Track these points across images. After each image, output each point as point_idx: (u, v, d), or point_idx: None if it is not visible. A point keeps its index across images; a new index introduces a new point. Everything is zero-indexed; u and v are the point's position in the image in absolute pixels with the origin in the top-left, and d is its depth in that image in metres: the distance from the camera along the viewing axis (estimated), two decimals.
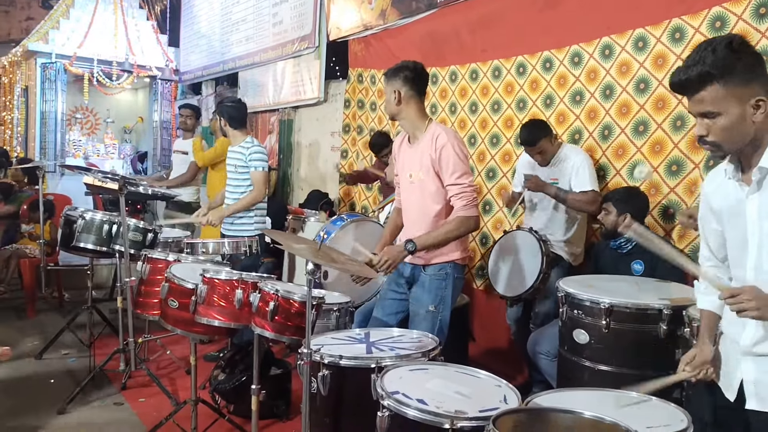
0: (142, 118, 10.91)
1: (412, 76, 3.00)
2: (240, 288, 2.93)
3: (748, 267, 1.81)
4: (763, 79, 1.72)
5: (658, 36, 3.63)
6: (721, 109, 1.71)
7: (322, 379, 2.31)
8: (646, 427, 1.79)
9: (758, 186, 1.76)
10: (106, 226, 4.16)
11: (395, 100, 3.00)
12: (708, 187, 1.97)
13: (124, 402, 3.97)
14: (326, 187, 6.74)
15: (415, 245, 2.86)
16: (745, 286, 1.74)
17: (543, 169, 3.87)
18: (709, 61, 1.68)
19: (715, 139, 1.76)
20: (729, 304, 1.73)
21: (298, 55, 6.98)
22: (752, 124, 1.72)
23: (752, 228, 1.78)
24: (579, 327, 2.89)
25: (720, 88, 1.70)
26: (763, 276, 1.77)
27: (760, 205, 1.76)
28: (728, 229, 1.89)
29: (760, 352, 1.80)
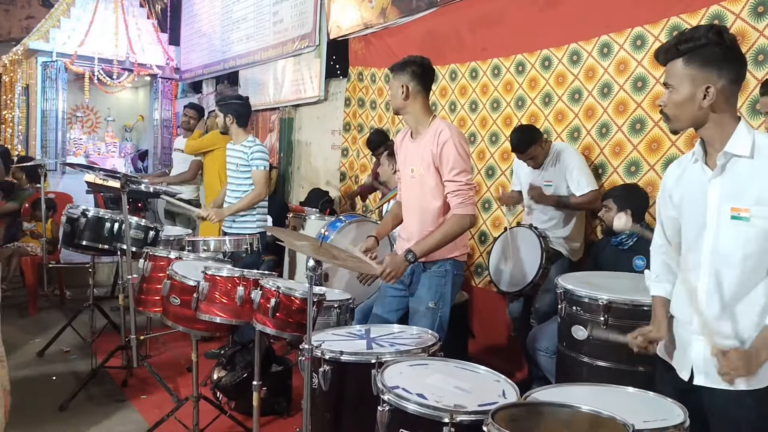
0: (143, 116, 10.93)
1: (419, 71, 3.01)
2: (241, 285, 2.95)
3: (705, 250, 1.91)
4: (724, 71, 1.84)
5: (656, 34, 3.65)
6: (676, 84, 1.88)
7: (323, 375, 2.33)
8: (642, 421, 1.80)
9: (721, 170, 1.87)
10: (108, 224, 4.19)
11: (402, 94, 2.99)
12: (669, 177, 2.09)
13: (126, 399, 3.99)
14: (326, 185, 6.76)
15: (415, 255, 2.86)
16: (733, 351, 1.80)
17: (536, 171, 3.92)
18: (682, 39, 1.86)
19: (668, 112, 1.92)
20: (721, 368, 1.80)
21: (299, 54, 7.00)
22: (700, 108, 1.86)
23: (712, 211, 1.89)
24: (578, 323, 2.90)
25: (681, 66, 1.86)
26: (719, 258, 1.88)
27: (722, 188, 1.87)
28: (687, 212, 1.99)
29: (708, 331, 1.89)
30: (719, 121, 1.87)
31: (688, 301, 1.97)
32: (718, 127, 1.88)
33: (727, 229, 1.86)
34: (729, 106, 1.88)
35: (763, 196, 1.81)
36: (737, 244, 1.85)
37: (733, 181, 1.86)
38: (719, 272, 1.89)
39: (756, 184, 1.82)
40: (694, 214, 1.95)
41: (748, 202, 1.83)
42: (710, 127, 1.89)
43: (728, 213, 1.86)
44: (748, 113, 3.23)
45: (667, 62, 1.91)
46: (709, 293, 1.91)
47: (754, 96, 3.20)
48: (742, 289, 1.88)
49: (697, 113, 1.87)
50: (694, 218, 1.95)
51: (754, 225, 1.82)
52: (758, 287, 1.86)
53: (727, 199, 1.86)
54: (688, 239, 1.99)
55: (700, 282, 1.93)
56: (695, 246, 1.95)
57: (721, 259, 1.88)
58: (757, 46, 3.19)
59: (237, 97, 4.67)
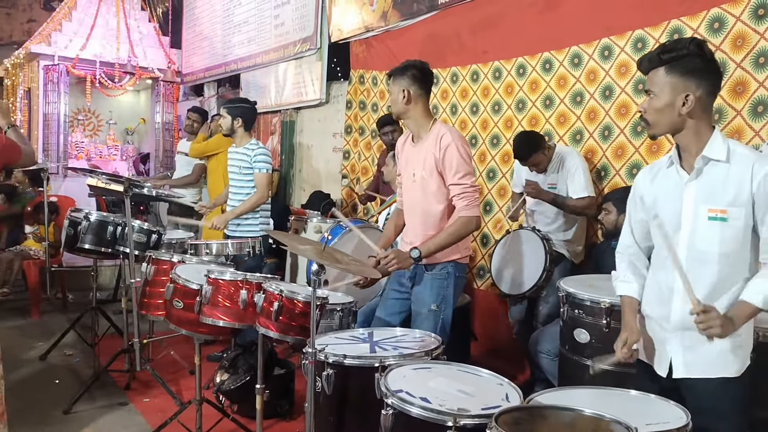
0: (144, 119, 10.94)
1: (420, 75, 3.02)
2: (244, 288, 2.96)
3: (681, 246, 2.02)
4: (703, 81, 1.96)
5: (657, 37, 3.66)
6: (657, 92, 1.99)
7: (327, 378, 2.34)
8: (645, 424, 1.81)
9: (698, 173, 1.99)
10: (110, 228, 4.20)
11: (404, 99, 3.00)
12: (641, 180, 2.20)
13: (129, 402, 4.00)
14: (328, 188, 6.77)
15: (420, 252, 2.88)
16: (711, 306, 1.92)
17: (540, 175, 3.93)
18: (665, 50, 1.97)
19: (648, 117, 2.03)
20: (699, 321, 1.90)
21: (300, 57, 7.01)
22: (679, 114, 1.97)
23: (688, 212, 2.01)
24: (580, 326, 2.92)
25: (663, 74, 1.97)
26: (695, 254, 2.00)
27: (697, 191, 1.99)
28: (662, 212, 2.08)
29: (685, 326, 2.01)
30: (696, 128, 1.99)
31: (664, 300, 2.08)
32: (694, 134, 2.00)
33: (705, 229, 1.98)
34: (705, 114, 2.00)
35: (738, 198, 1.93)
36: (714, 242, 1.97)
37: (709, 184, 1.98)
38: (696, 270, 1.99)
39: (732, 187, 1.94)
40: (669, 214, 2.06)
41: (724, 203, 1.95)
42: (687, 134, 2.01)
43: (705, 214, 1.97)
44: (749, 116, 3.24)
45: (649, 70, 2.02)
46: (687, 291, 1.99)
47: (755, 98, 3.21)
48: (719, 289, 1.98)
49: (676, 119, 1.99)
50: (668, 218, 2.06)
51: (732, 225, 1.94)
52: (733, 291, 1.98)
53: (704, 200, 1.98)
54: (663, 238, 2.07)
55: (677, 280, 2.02)
56: (670, 244, 2.03)
57: (698, 257, 1.99)
58: (758, 48, 3.20)
59: (245, 101, 4.68)
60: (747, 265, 1.99)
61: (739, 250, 1.97)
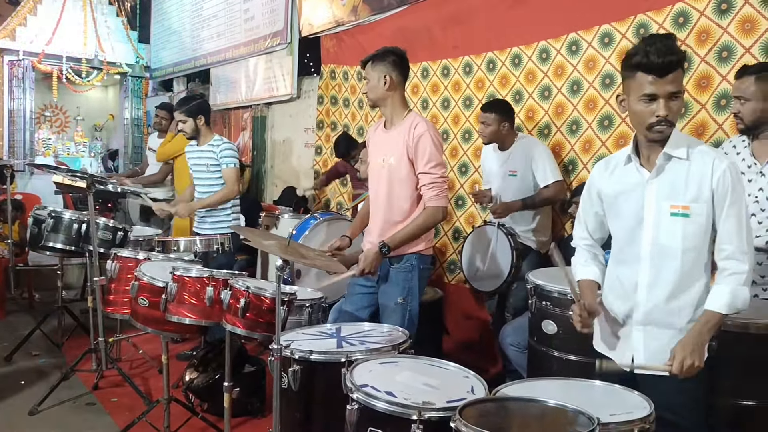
0: (113, 115, 10.78)
1: (399, 62, 3.02)
2: (211, 285, 2.93)
3: (644, 242, 2.05)
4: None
5: (623, 32, 3.69)
6: (681, 90, 1.96)
7: (293, 375, 2.32)
8: (609, 414, 1.82)
9: (659, 171, 2.02)
10: (76, 225, 4.12)
11: (385, 84, 2.98)
12: (599, 176, 2.21)
13: (96, 402, 3.94)
14: (300, 183, 6.74)
15: (389, 247, 2.88)
16: (675, 353, 1.94)
17: (502, 159, 3.98)
18: (676, 50, 1.94)
19: (672, 119, 1.97)
20: (678, 374, 1.92)
21: (270, 51, 6.95)
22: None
23: (650, 207, 2.04)
24: (548, 318, 2.93)
25: (681, 73, 1.96)
26: (658, 249, 2.03)
27: (659, 188, 2.02)
28: (622, 209, 2.12)
29: (648, 321, 2.06)
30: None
31: (628, 295, 2.10)
32: None
33: (668, 225, 2.00)
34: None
35: (700, 195, 1.97)
36: (677, 238, 1.99)
37: (671, 180, 2.00)
38: (660, 265, 2.03)
39: (693, 183, 1.97)
40: (630, 211, 2.08)
41: (686, 199, 1.98)
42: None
43: (668, 210, 2.00)
44: (713, 109, 3.28)
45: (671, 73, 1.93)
46: (651, 285, 2.05)
47: (719, 91, 3.25)
48: (682, 284, 2.02)
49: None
50: (629, 215, 2.08)
51: (694, 221, 1.97)
52: (696, 285, 2.02)
53: (666, 197, 2.00)
54: (624, 235, 2.12)
55: (641, 275, 2.06)
56: (632, 240, 2.08)
57: (662, 252, 2.02)
58: (721, 42, 3.24)
59: (196, 96, 4.60)
60: (707, 263, 2.03)
61: (701, 246, 2.00)
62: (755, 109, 2.68)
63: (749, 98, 2.69)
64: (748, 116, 2.70)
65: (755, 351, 2.38)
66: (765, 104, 2.66)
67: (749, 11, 3.12)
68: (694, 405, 2.04)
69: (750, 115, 2.70)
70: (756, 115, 2.69)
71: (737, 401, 2.42)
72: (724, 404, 2.37)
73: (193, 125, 4.32)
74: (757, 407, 2.41)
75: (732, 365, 2.31)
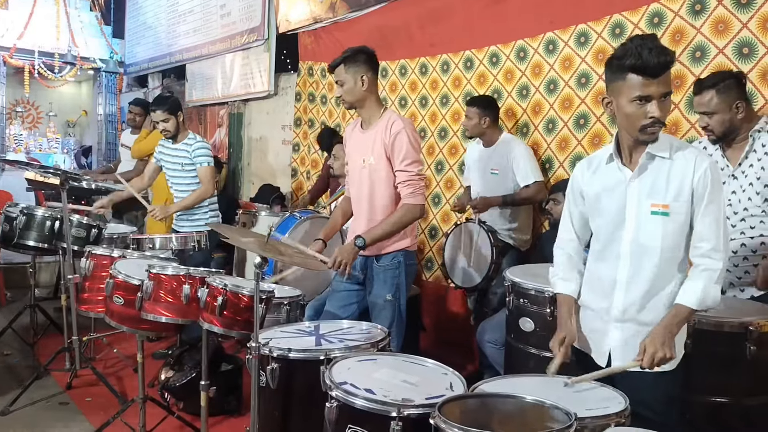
0: (86, 111, 10.63)
1: (370, 60, 3.00)
2: (187, 283, 2.90)
3: (625, 240, 2.06)
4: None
5: (599, 31, 3.73)
6: (671, 90, 1.98)
7: (271, 373, 2.31)
8: (585, 409, 1.84)
9: (642, 170, 2.03)
10: (48, 223, 4.04)
11: (363, 85, 2.95)
12: (581, 176, 2.22)
13: (70, 402, 3.88)
14: (277, 181, 6.70)
15: (365, 240, 2.87)
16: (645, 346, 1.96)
17: (485, 156, 4.02)
18: (668, 51, 1.94)
19: (664, 119, 1.98)
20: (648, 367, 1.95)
21: (247, 48, 6.90)
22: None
23: (631, 206, 2.05)
24: (525, 315, 2.96)
25: (670, 73, 1.96)
26: (638, 247, 2.05)
27: (641, 186, 2.03)
28: (604, 207, 2.12)
29: (625, 318, 2.08)
30: None
31: (606, 292, 2.12)
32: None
33: (648, 223, 2.02)
34: None
35: (681, 194, 1.98)
36: (656, 236, 2.01)
37: (653, 179, 2.02)
38: (639, 263, 2.05)
39: (674, 182, 1.99)
40: (612, 209, 2.09)
41: (667, 198, 1.99)
42: None
43: (648, 209, 2.02)
44: (685, 108, 3.33)
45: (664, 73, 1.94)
46: (629, 283, 2.07)
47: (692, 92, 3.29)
48: (659, 282, 2.04)
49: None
50: (611, 213, 2.10)
51: (674, 220, 1.99)
52: (672, 283, 2.05)
53: (647, 195, 2.02)
54: (605, 233, 2.14)
55: (620, 272, 2.08)
56: (613, 238, 2.10)
57: (642, 250, 2.04)
58: (695, 43, 3.29)
59: (170, 94, 4.56)
60: (682, 262, 2.06)
61: (679, 244, 2.03)
62: (723, 120, 2.73)
63: (714, 111, 2.73)
64: (718, 128, 2.74)
65: (728, 349, 2.42)
66: (731, 113, 2.71)
67: (722, 12, 3.17)
68: (669, 401, 2.07)
69: (719, 127, 2.74)
70: (725, 125, 2.73)
71: (711, 398, 2.46)
72: (698, 401, 2.41)
73: (175, 123, 4.30)
74: (730, 404, 2.46)
75: (706, 363, 2.35)
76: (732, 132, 2.75)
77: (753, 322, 2.41)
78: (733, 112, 2.70)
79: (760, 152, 2.70)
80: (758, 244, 2.73)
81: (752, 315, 2.47)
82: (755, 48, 3.06)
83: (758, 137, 2.72)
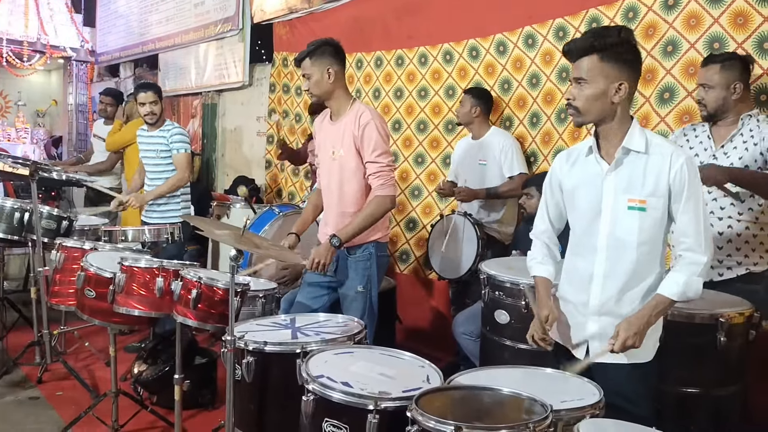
0: (56, 101, 10.42)
1: (335, 52, 2.98)
2: (161, 276, 2.87)
3: (601, 233, 2.07)
4: (632, 70, 2.00)
5: (576, 26, 3.75)
6: (590, 79, 1.98)
7: (247, 366, 2.29)
8: (560, 401, 1.86)
9: (618, 164, 2.04)
10: (18, 214, 3.96)
11: (330, 78, 2.94)
12: (560, 168, 2.23)
13: (41, 396, 3.82)
14: (252, 172, 6.64)
15: (340, 239, 2.87)
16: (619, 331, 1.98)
17: (474, 148, 4.06)
18: (599, 36, 1.97)
19: (578, 105, 2.02)
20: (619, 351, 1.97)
21: (221, 38, 6.81)
22: (611, 103, 2.00)
23: (607, 200, 2.06)
24: (500, 308, 2.97)
25: (596, 61, 1.97)
26: (614, 241, 2.06)
27: (617, 181, 2.04)
28: (581, 200, 2.14)
29: (603, 311, 2.09)
30: (621, 118, 2.04)
31: (583, 285, 2.13)
32: (618, 123, 2.04)
33: (624, 218, 2.03)
34: (629, 104, 2.05)
35: (657, 189, 1.99)
36: (633, 231, 2.03)
37: (629, 174, 2.03)
38: (616, 257, 2.06)
39: (651, 177, 2.00)
40: (589, 203, 2.11)
41: (643, 193, 2.00)
42: (613, 124, 2.04)
43: (625, 204, 2.03)
44: (656, 102, 3.37)
45: (579, 57, 2.00)
46: (606, 277, 2.08)
47: (662, 85, 3.33)
48: (637, 276, 2.06)
49: (607, 108, 2.02)
50: (588, 207, 2.11)
51: (650, 215, 2.01)
52: (649, 278, 2.06)
53: (624, 191, 2.03)
54: (582, 226, 2.15)
55: (597, 266, 2.09)
56: (590, 232, 2.11)
57: (618, 244, 2.05)
58: (667, 37, 3.32)
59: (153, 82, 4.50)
60: (661, 255, 2.07)
61: (656, 240, 2.04)
62: (718, 96, 2.77)
63: (713, 86, 2.77)
64: (711, 103, 2.79)
65: (700, 340, 2.46)
66: (727, 92, 2.75)
67: (695, 7, 3.21)
68: (645, 393, 2.09)
69: (713, 102, 2.78)
70: (719, 102, 2.77)
71: (681, 389, 2.50)
72: (668, 392, 2.44)
73: (161, 107, 4.28)
74: (701, 395, 2.50)
75: (678, 354, 2.38)
76: (724, 111, 2.79)
77: (723, 314, 2.45)
78: (729, 91, 2.74)
79: (747, 136, 2.74)
80: (725, 227, 2.77)
81: (723, 307, 2.52)
82: (726, 43, 3.09)
83: (748, 122, 2.76)
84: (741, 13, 3.05)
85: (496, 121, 4.28)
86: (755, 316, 2.55)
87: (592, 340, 2.13)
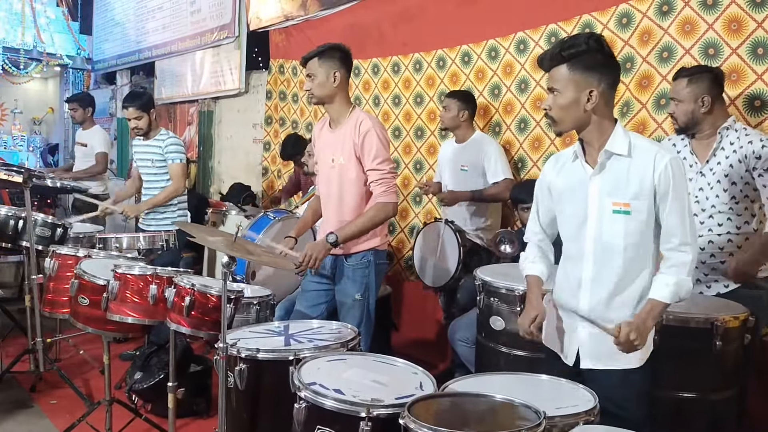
0: (53, 108, 10.42)
1: (345, 58, 2.98)
2: (154, 283, 2.86)
3: (588, 238, 2.07)
4: (604, 75, 1.99)
5: (569, 32, 3.75)
6: (561, 89, 2.00)
7: (239, 374, 2.27)
8: (555, 408, 1.84)
9: (602, 168, 2.04)
10: (12, 222, 3.94)
11: (334, 81, 2.93)
12: (549, 171, 2.23)
13: (34, 405, 3.80)
14: (248, 179, 6.63)
15: (337, 238, 2.85)
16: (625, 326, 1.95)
17: (456, 152, 4.06)
18: (565, 47, 1.98)
19: (553, 114, 2.04)
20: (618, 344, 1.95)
21: (218, 45, 6.82)
22: (584, 111, 2.00)
23: (593, 204, 2.06)
24: (495, 314, 2.96)
25: (566, 71, 1.99)
26: (600, 246, 2.06)
27: (602, 185, 2.04)
28: (568, 206, 2.14)
29: (593, 317, 2.06)
30: (599, 123, 2.03)
31: (573, 290, 2.13)
32: (597, 129, 2.04)
33: (610, 222, 2.03)
34: (607, 109, 2.04)
35: (641, 192, 1.99)
36: (619, 235, 2.02)
37: (613, 178, 2.02)
38: (603, 262, 2.06)
39: (635, 180, 1.99)
40: (575, 207, 2.10)
41: (628, 197, 2.00)
42: (591, 129, 2.04)
43: (610, 207, 2.02)
44: (653, 108, 3.37)
45: (551, 68, 2.02)
46: (594, 281, 2.08)
47: (659, 91, 3.34)
48: (626, 279, 2.05)
49: (581, 116, 2.02)
50: (574, 212, 2.11)
51: (635, 218, 2.00)
52: (637, 282, 2.05)
53: (608, 194, 2.03)
54: (569, 231, 2.15)
55: (585, 271, 2.09)
56: (577, 237, 2.11)
57: (605, 248, 2.05)
58: (662, 43, 3.33)
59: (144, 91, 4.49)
60: (650, 256, 2.06)
61: (643, 242, 2.03)
62: (686, 110, 2.78)
63: (682, 99, 2.79)
64: (681, 117, 2.81)
65: (695, 345, 2.46)
66: (695, 105, 2.76)
67: (689, 13, 3.22)
68: (639, 398, 2.08)
69: (682, 116, 2.80)
70: (687, 116, 2.79)
71: (677, 394, 2.50)
72: (664, 397, 2.43)
73: (147, 121, 4.24)
74: (697, 399, 2.49)
75: (673, 358, 2.38)
76: (694, 125, 2.81)
77: (719, 318, 2.45)
78: (697, 104, 2.76)
79: (728, 150, 2.75)
80: (725, 242, 2.78)
81: (718, 311, 2.51)
82: (720, 49, 3.11)
83: (726, 135, 2.76)
84: (735, 18, 3.06)
85: (485, 127, 4.29)
86: (750, 320, 2.54)
87: (583, 344, 2.12)
